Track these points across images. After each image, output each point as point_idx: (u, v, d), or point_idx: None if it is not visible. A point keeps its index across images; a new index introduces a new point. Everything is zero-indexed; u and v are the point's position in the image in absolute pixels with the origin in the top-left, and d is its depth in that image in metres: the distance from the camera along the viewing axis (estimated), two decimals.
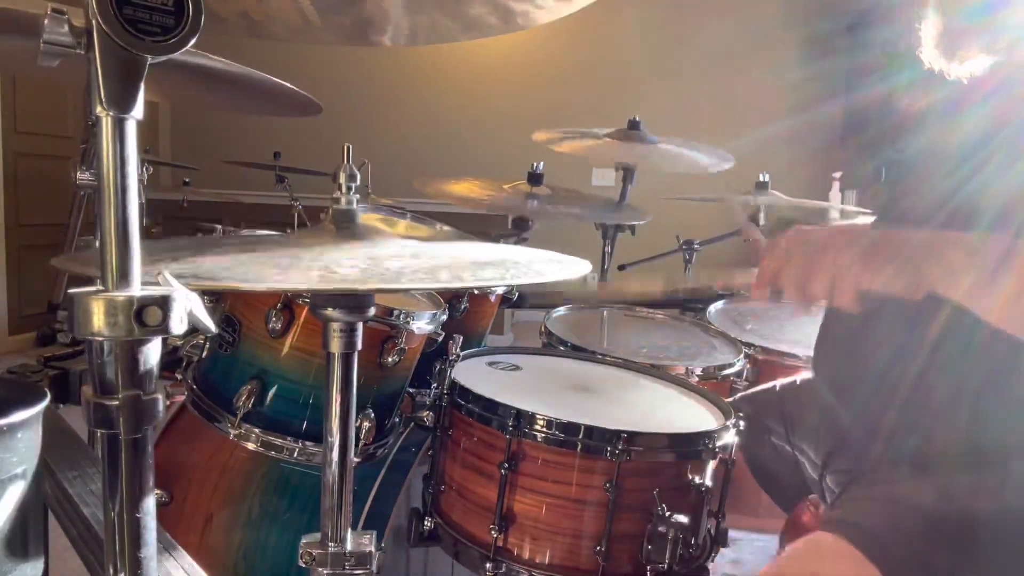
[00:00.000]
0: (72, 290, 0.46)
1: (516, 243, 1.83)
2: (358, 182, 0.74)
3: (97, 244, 0.48)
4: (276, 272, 0.57)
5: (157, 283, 0.48)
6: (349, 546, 0.74)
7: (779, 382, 1.24)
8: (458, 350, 1.09)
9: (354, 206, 0.74)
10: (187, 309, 0.47)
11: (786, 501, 1.14)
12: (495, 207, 1.67)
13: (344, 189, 0.74)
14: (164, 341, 0.50)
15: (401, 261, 0.64)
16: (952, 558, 0.73)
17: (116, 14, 0.44)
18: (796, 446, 1.11)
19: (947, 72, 0.94)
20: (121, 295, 0.46)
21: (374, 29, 0.75)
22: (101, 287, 0.47)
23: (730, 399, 1.28)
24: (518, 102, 5.20)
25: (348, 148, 0.74)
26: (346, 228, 0.73)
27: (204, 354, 1.16)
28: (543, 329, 1.53)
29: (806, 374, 1.16)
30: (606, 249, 2.15)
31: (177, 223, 3.63)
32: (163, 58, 0.46)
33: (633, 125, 1.96)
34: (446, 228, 1.72)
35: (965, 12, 0.90)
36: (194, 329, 0.49)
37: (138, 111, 0.47)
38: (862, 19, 4.77)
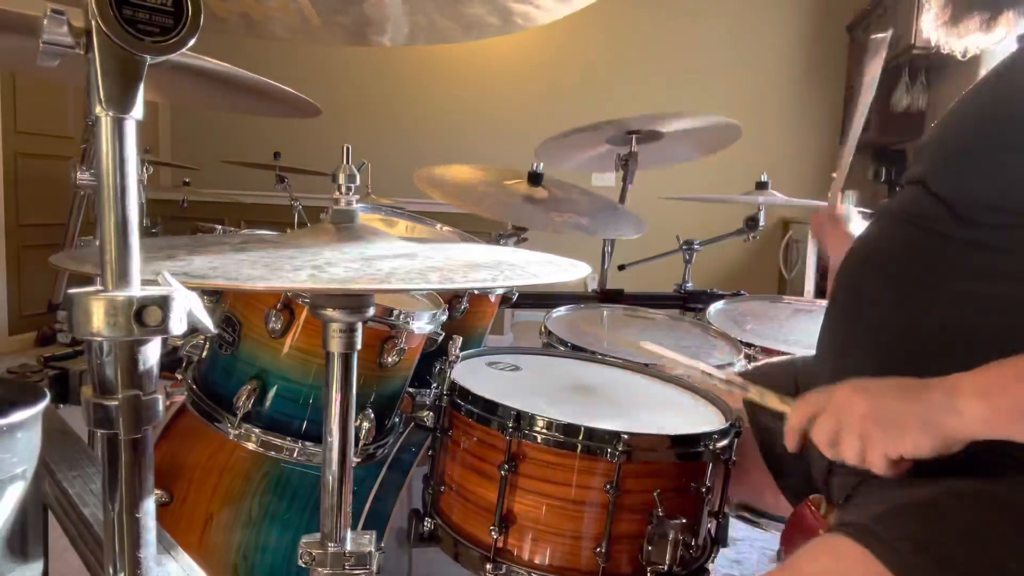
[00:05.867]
0: (72, 290, 0.46)
1: (516, 244, 1.83)
2: (357, 182, 0.74)
3: (97, 244, 0.48)
4: (267, 271, 0.57)
5: (157, 283, 0.49)
6: (348, 546, 0.74)
7: (800, 357, 1.24)
8: (458, 350, 1.09)
9: (353, 206, 0.74)
10: (187, 309, 0.47)
11: (792, 493, 1.14)
12: (493, 213, 1.67)
13: (343, 190, 0.74)
14: (164, 341, 0.50)
15: (394, 262, 0.64)
16: (955, 558, 0.73)
17: (115, 15, 0.44)
18: (806, 451, 1.11)
19: (943, 45, 0.97)
20: (121, 295, 0.46)
21: (374, 29, 0.75)
22: (101, 287, 0.47)
23: (745, 369, 1.28)
24: (518, 102, 5.20)
25: (347, 149, 0.74)
26: (345, 228, 0.73)
27: (204, 354, 1.16)
28: (543, 329, 1.53)
29: None
30: (606, 249, 2.15)
31: (177, 223, 3.63)
32: (162, 58, 0.46)
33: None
34: (446, 228, 1.72)
35: None
36: (194, 329, 0.49)
37: (138, 111, 0.47)
38: (862, 19, 4.77)
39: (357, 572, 0.73)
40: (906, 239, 0.93)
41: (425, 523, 1.02)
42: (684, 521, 0.90)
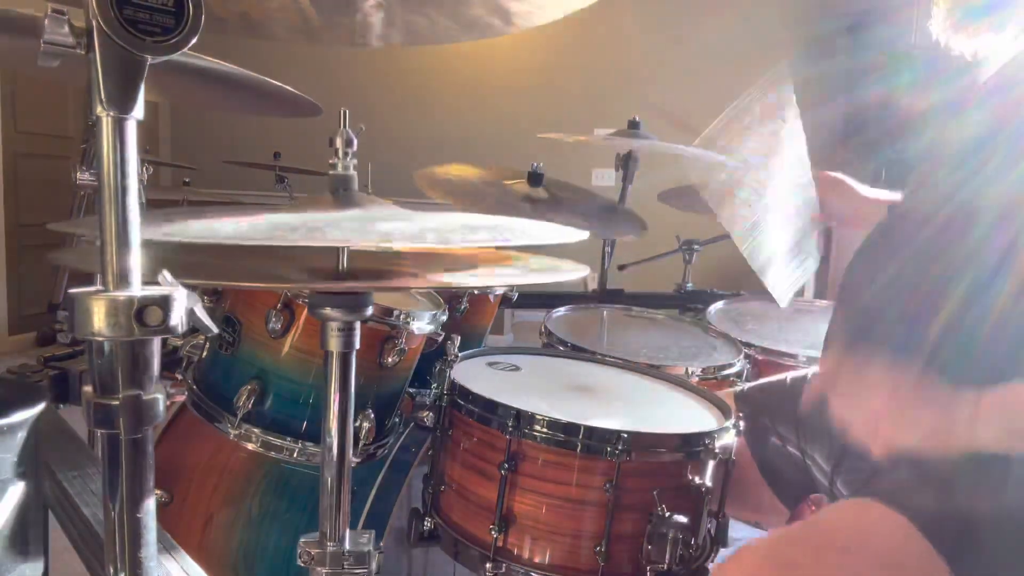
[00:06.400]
0: (72, 290, 0.46)
1: None
2: (355, 147, 0.73)
3: (97, 244, 0.48)
4: (263, 234, 0.56)
5: (157, 283, 0.49)
6: (348, 545, 0.74)
7: (790, 375, 1.24)
8: (456, 350, 1.09)
9: (351, 171, 0.73)
10: (187, 309, 0.47)
11: (790, 498, 1.14)
12: (493, 213, 1.67)
13: (341, 154, 0.73)
14: (164, 341, 0.50)
15: (392, 224, 0.64)
16: (953, 558, 0.73)
17: (116, 14, 0.44)
18: (808, 454, 1.11)
19: (953, 47, 0.95)
20: (121, 295, 0.46)
21: (373, 29, 0.75)
22: (101, 287, 0.47)
23: (739, 388, 1.28)
24: (518, 102, 5.19)
25: (344, 112, 0.73)
26: (344, 194, 0.72)
27: (204, 354, 1.16)
28: (543, 329, 1.53)
29: (816, 369, 1.15)
30: (606, 249, 2.15)
31: None
32: (163, 58, 0.46)
33: (633, 125, 1.96)
34: None
35: None
36: (194, 329, 0.49)
37: (138, 111, 0.47)
38: (862, 19, 4.77)
39: (356, 571, 0.73)
40: (914, 238, 0.93)
41: (425, 523, 1.02)
42: (684, 520, 0.90)
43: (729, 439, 0.98)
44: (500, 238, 0.63)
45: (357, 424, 1.08)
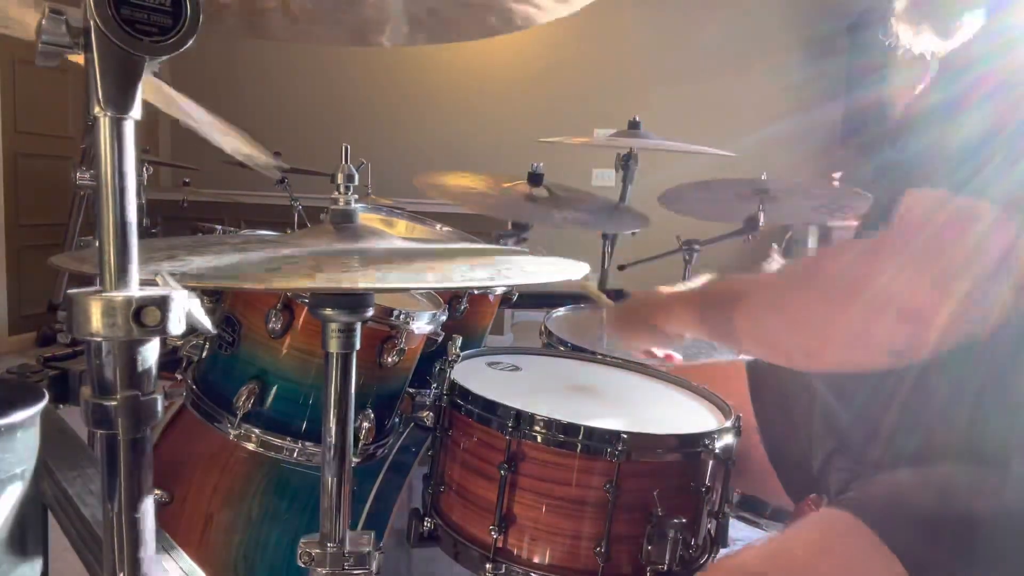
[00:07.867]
0: (71, 290, 0.46)
1: (516, 243, 1.83)
2: (356, 182, 0.74)
3: (96, 244, 0.48)
4: (264, 272, 0.57)
5: (155, 283, 0.48)
6: (348, 546, 0.74)
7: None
8: (457, 350, 1.09)
9: (352, 206, 0.74)
10: (185, 310, 0.47)
11: (793, 488, 1.14)
12: (496, 211, 1.67)
13: (342, 189, 0.74)
14: (163, 341, 0.50)
15: (392, 262, 0.64)
16: (951, 559, 0.73)
17: (114, 14, 0.44)
18: (810, 441, 1.11)
19: (908, 45, 0.98)
20: (119, 295, 0.46)
21: (373, 29, 0.75)
22: (100, 287, 0.47)
23: (745, 359, 1.28)
24: (518, 102, 5.19)
25: (346, 148, 0.74)
26: (344, 228, 0.73)
27: (204, 354, 1.16)
28: (543, 329, 1.53)
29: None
30: (606, 249, 2.15)
31: (177, 223, 3.63)
32: (161, 58, 0.46)
33: (633, 125, 1.96)
34: (446, 228, 1.72)
35: None
36: (193, 329, 0.49)
37: (136, 111, 0.47)
38: (862, 19, 4.77)
39: (356, 572, 0.73)
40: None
41: (425, 523, 1.02)
42: (684, 521, 0.90)
43: (729, 439, 0.98)
44: (499, 276, 0.65)
45: (357, 424, 1.08)
